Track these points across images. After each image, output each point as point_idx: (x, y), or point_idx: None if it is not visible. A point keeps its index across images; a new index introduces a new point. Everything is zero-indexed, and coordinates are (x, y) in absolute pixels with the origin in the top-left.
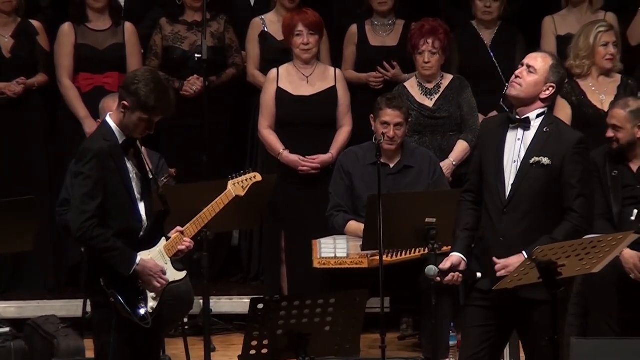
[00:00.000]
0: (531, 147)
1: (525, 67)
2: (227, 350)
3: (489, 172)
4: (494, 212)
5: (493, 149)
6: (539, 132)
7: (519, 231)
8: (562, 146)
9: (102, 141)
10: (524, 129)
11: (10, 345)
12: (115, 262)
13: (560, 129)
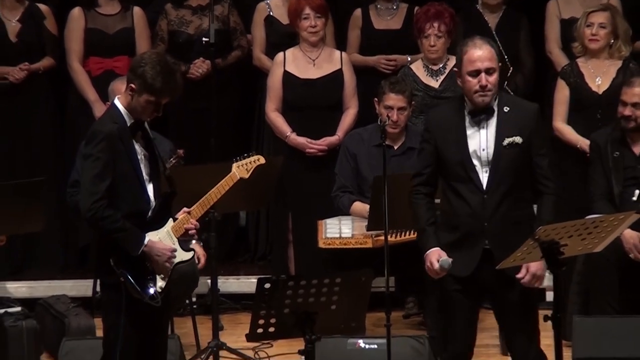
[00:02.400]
0: (500, 130)
1: (484, 74)
2: (235, 329)
3: (454, 164)
4: (473, 199)
5: (454, 142)
6: (500, 114)
7: (502, 213)
8: (526, 121)
9: (111, 124)
10: (489, 115)
11: (22, 325)
12: (124, 243)
13: (515, 103)
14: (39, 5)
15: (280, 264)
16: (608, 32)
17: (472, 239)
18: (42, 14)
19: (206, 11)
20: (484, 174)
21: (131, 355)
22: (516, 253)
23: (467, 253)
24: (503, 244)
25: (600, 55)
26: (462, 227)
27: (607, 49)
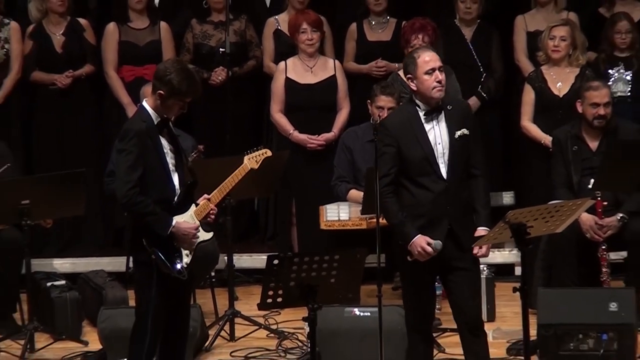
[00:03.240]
0: (450, 126)
1: (438, 71)
2: (248, 299)
3: (419, 160)
4: (435, 188)
5: (417, 140)
6: (446, 112)
7: (458, 197)
8: (465, 115)
9: (140, 122)
10: (437, 113)
11: (66, 296)
12: (154, 225)
13: (453, 102)
14: (79, 19)
15: (286, 244)
16: (568, 44)
17: (436, 222)
18: (82, 27)
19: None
20: (442, 165)
21: (161, 322)
22: (489, 234)
23: (433, 234)
24: (461, 223)
25: (561, 63)
26: (428, 213)
27: (567, 58)
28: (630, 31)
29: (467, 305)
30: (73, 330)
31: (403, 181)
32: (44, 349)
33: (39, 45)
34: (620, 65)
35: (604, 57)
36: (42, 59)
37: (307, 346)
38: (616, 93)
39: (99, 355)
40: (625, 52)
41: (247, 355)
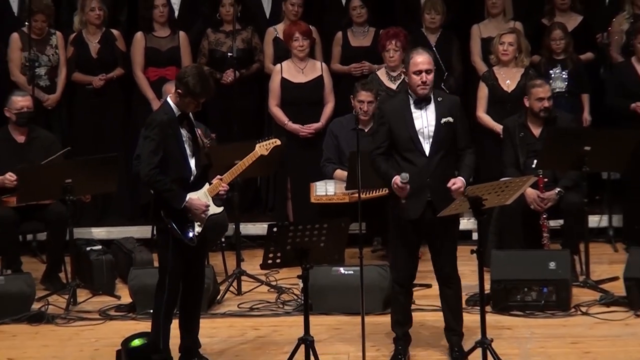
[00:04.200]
0: (437, 113)
1: (425, 72)
2: (252, 260)
3: (405, 139)
4: (419, 162)
5: (403, 124)
6: (436, 102)
7: (438, 172)
8: (453, 108)
9: (163, 115)
10: (427, 103)
11: (102, 258)
12: (171, 199)
13: (442, 96)
14: (112, 30)
15: (283, 215)
16: (515, 48)
17: (418, 192)
18: (115, 37)
19: (236, 35)
20: (426, 144)
21: (178, 278)
22: (451, 205)
23: (415, 202)
24: (440, 196)
25: (509, 64)
26: (411, 183)
27: (514, 60)
28: (564, 38)
29: (443, 264)
30: (108, 287)
31: (394, 155)
32: (84, 302)
33: (78, 51)
34: (558, 66)
35: (544, 60)
36: (81, 62)
37: (301, 299)
38: (555, 89)
39: (129, 307)
40: (561, 55)
41: (251, 306)
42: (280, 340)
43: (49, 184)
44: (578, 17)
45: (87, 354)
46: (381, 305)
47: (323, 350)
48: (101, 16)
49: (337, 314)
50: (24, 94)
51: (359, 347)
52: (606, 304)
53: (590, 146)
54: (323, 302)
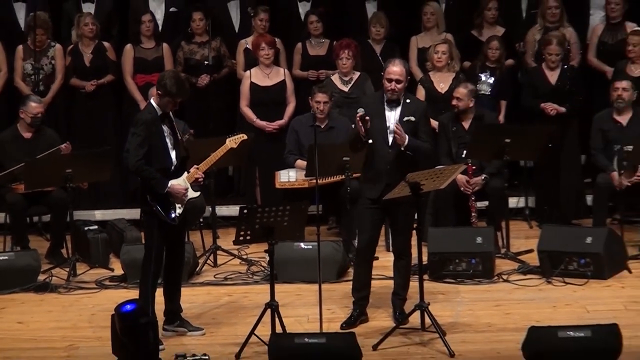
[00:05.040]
0: (402, 112)
1: (395, 82)
2: (226, 237)
3: (376, 133)
4: (383, 152)
5: (375, 117)
6: (404, 104)
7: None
8: (418, 110)
9: (147, 114)
10: (397, 104)
11: (98, 237)
12: (155, 186)
13: (411, 98)
14: (104, 42)
15: (252, 198)
16: (447, 56)
17: (378, 176)
18: (105, 48)
19: (207, 45)
20: (390, 137)
21: (162, 253)
22: (394, 190)
23: (376, 184)
24: (396, 182)
25: (443, 70)
26: (375, 168)
27: (447, 66)
28: (499, 49)
29: (397, 239)
30: (103, 261)
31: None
32: (83, 274)
33: (75, 60)
34: (488, 72)
35: (480, 64)
36: (77, 70)
37: (267, 270)
38: (481, 91)
39: (121, 278)
40: (493, 64)
41: (225, 277)
42: (250, 305)
43: (52, 173)
44: (501, 29)
45: (85, 318)
46: (335, 275)
47: (286, 313)
48: (94, 30)
49: (298, 283)
50: (39, 100)
51: (316, 310)
52: (523, 272)
53: (509, 139)
54: (286, 273)
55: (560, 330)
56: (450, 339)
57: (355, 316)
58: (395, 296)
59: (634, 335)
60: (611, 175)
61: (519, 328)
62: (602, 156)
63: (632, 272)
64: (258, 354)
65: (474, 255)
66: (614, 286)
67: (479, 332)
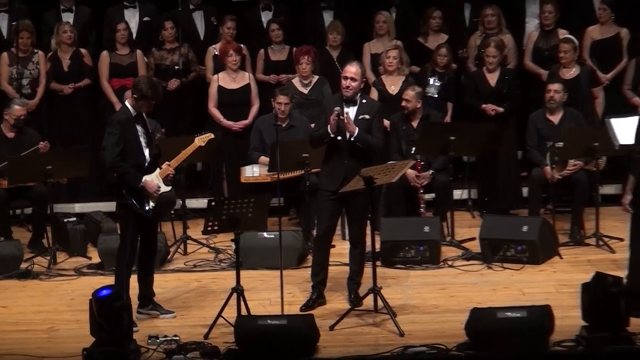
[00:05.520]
0: (358, 111)
1: (350, 80)
2: (195, 228)
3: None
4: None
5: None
6: (360, 103)
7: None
8: (372, 109)
9: (123, 115)
10: (353, 104)
11: (77, 228)
12: (130, 180)
13: (367, 99)
14: (81, 49)
15: (220, 192)
16: (398, 61)
17: (337, 170)
18: (82, 54)
19: (176, 52)
20: (348, 134)
21: (135, 243)
22: (350, 183)
23: (334, 177)
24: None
25: (394, 73)
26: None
27: (397, 70)
28: (446, 55)
29: (353, 229)
30: (81, 250)
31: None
32: (62, 262)
33: (54, 65)
34: (436, 77)
35: (431, 69)
36: (56, 75)
37: (233, 258)
38: (428, 93)
39: (98, 266)
40: (442, 69)
41: (194, 264)
42: (218, 290)
43: (34, 170)
44: (445, 36)
45: (65, 302)
46: (295, 262)
47: (250, 297)
48: (72, 37)
49: (261, 269)
50: (23, 103)
51: (278, 294)
52: (466, 258)
53: (454, 136)
54: (250, 260)
55: (499, 311)
56: (400, 319)
57: (313, 299)
58: (351, 281)
59: (564, 315)
60: (544, 169)
61: (462, 309)
62: (536, 152)
63: (563, 257)
64: (225, 335)
65: (422, 243)
66: (547, 271)
67: (426, 313)
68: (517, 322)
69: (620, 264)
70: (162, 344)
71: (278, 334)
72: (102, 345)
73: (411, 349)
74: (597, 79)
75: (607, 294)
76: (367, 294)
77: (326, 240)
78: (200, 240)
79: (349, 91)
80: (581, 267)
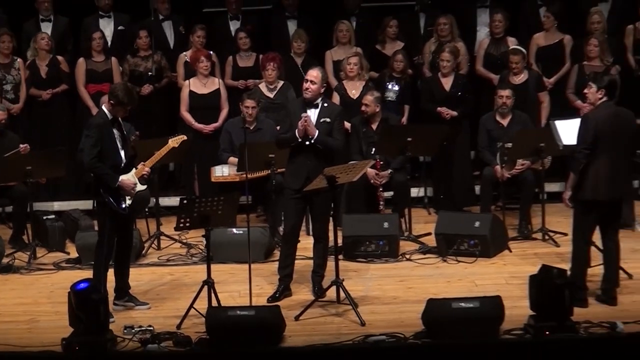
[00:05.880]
0: (319, 114)
1: (310, 82)
2: (168, 224)
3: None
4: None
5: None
6: (322, 106)
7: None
8: (333, 113)
9: (100, 118)
10: (315, 107)
11: (56, 225)
12: (107, 180)
13: (328, 103)
14: (58, 57)
15: (191, 190)
16: (358, 67)
17: (300, 170)
18: (59, 61)
19: (149, 59)
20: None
21: (112, 239)
22: (313, 182)
23: (298, 177)
24: (315, 175)
25: (354, 79)
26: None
27: (358, 75)
28: (402, 61)
29: (317, 225)
30: (60, 246)
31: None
32: (42, 257)
33: (32, 72)
34: (394, 81)
35: (387, 75)
36: (34, 81)
37: (204, 252)
38: (388, 97)
39: (76, 260)
40: (399, 74)
41: (168, 258)
42: (190, 282)
43: (14, 170)
44: (401, 43)
45: (45, 294)
46: (263, 256)
47: (220, 289)
48: (49, 44)
49: (230, 263)
50: (2, 108)
51: (246, 287)
52: (423, 252)
53: (411, 138)
54: (220, 254)
55: (454, 302)
56: (361, 310)
57: (280, 291)
58: (315, 274)
59: (513, 305)
60: (495, 168)
61: (419, 300)
62: (487, 153)
63: (512, 251)
64: (196, 325)
65: (381, 238)
66: (497, 263)
67: (386, 304)
68: (470, 312)
69: (564, 257)
70: (137, 334)
71: (247, 324)
72: (81, 335)
73: (371, 338)
74: (543, 84)
75: (552, 285)
76: (330, 286)
77: (293, 237)
78: (173, 236)
79: (308, 93)
80: (529, 260)
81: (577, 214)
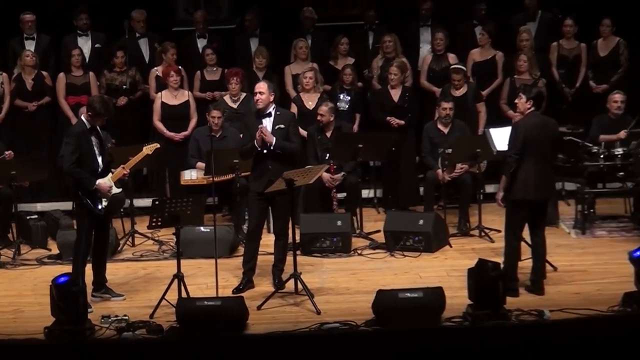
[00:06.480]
0: (274, 122)
1: (259, 93)
2: (142, 223)
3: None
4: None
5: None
6: (275, 114)
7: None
8: (287, 118)
9: (79, 127)
10: (269, 116)
11: (38, 224)
12: (85, 183)
13: (281, 111)
14: (42, 72)
15: (163, 193)
16: (313, 80)
17: (263, 174)
18: (44, 76)
19: (124, 74)
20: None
21: (90, 236)
22: (274, 184)
23: (261, 181)
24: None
25: (310, 91)
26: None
27: (313, 88)
28: (351, 74)
29: (277, 223)
30: (42, 243)
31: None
32: (26, 253)
33: (18, 86)
34: (345, 92)
35: (339, 87)
36: (20, 93)
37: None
38: (340, 108)
39: (57, 256)
40: (348, 86)
41: (141, 254)
42: (162, 276)
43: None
44: (351, 59)
45: (28, 287)
46: (228, 252)
47: (189, 282)
48: (34, 60)
49: (199, 258)
50: None
51: (213, 280)
52: (373, 248)
53: (362, 144)
54: (189, 250)
55: (400, 292)
56: (317, 300)
57: (243, 283)
58: (275, 267)
59: (454, 295)
60: (436, 172)
61: (370, 291)
62: (429, 157)
63: (452, 246)
64: (167, 314)
65: (335, 235)
66: (439, 258)
67: (340, 294)
68: (415, 301)
69: (498, 252)
70: (113, 323)
71: (213, 314)
72: (62, 324)
73: (326, 325)
74: (480, 96)
75: (488, 277)
76: (289, 279)
77: (256, 234)
78: (146, 234)
79: (259, 103)
80: (467, 254)
81: (508, 213)
